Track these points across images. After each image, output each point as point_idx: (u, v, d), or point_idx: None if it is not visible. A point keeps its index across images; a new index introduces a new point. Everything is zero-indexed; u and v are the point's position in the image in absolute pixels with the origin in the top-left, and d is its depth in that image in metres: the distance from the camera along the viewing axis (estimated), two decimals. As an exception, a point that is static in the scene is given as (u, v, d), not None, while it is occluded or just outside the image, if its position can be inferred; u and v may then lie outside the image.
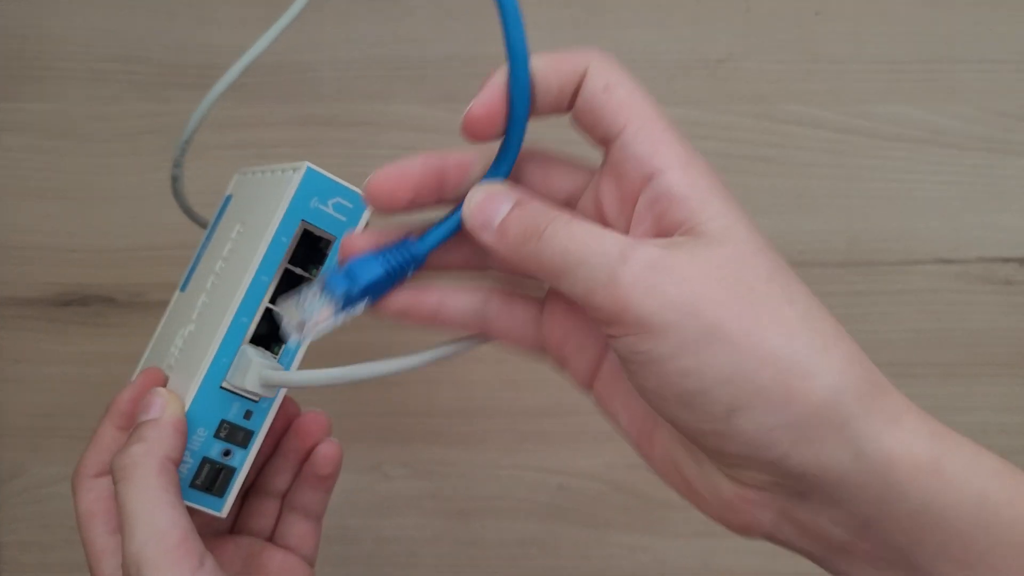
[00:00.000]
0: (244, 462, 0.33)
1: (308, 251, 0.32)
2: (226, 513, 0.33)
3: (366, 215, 0.33)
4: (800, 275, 0.48)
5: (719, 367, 0.21)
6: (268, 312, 0.32)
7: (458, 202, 0.26)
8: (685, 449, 0.25)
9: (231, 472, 0.33)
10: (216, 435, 0.32)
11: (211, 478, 0.32)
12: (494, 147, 0.25)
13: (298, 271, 0.32)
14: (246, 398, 0.32)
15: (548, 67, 0.24)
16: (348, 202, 0.32)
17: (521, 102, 0.24)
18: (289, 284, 0.32)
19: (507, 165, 0.25)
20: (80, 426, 0.40)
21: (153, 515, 0.28)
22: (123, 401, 0.33)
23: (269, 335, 0.32)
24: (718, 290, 0.22)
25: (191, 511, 0.32)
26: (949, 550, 0.22)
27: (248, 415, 0.32)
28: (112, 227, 0.48)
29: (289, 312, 0.27)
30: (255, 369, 0.31)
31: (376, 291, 0.26)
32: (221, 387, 0.32)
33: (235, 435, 0.32)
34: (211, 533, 0.34)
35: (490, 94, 0.25)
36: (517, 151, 0.25)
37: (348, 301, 0.25)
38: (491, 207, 0.24)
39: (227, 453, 0.32)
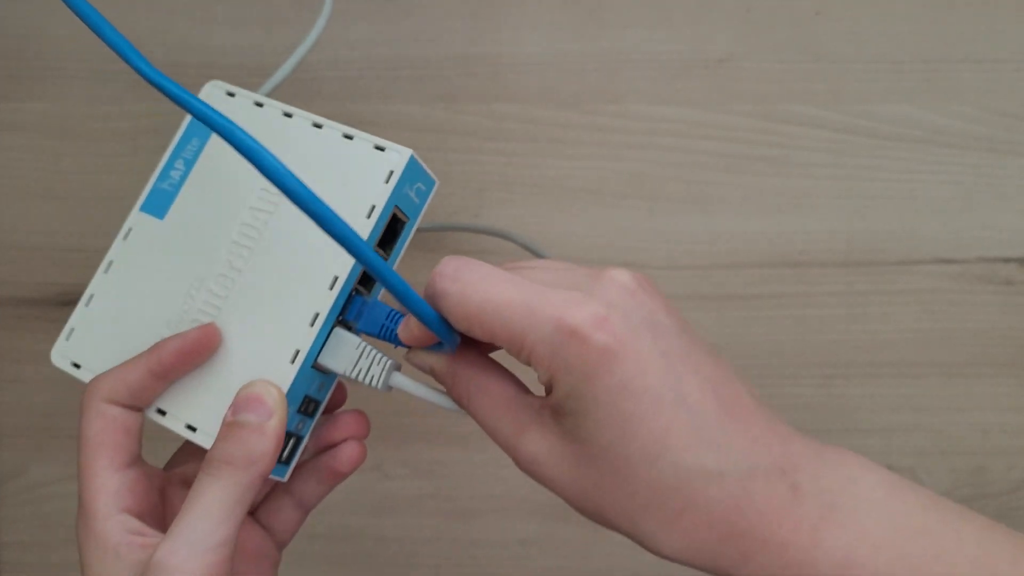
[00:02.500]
0: (309, 430, 0.33)
1: (390, 232, 0.33)
2: (288, 478, 0.33)
3: (431, 196, 0.34)
4: (800, 275, 0.48)
5: (599, 521, 0.27)
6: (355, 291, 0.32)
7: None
8: None
9: (299, 441, 0.32)
10: (298, 410, 0.31)
11: (283, 449, 0.32)
12: None
13: (380, 251, 0.32)
14: (325, 374, 0.32)
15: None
16: (424, 185, 0.33)
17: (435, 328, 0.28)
18: None
19: (450, 344, 0.30)
20: (80, 426, 0.39)
21: (218, 524, 0.28)
22: (169, 352, 0.31)
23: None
24: (575, 493, 0.27)
25: None
26: None
27: (321, 387, 0.32)
28: (112, 227, 0.48)
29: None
30: (383, 367, 0.31)
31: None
32: (312, 366, 0.31)
33: (309, 407, 0.32)
34: None
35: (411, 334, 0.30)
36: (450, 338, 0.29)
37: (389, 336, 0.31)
38: (419, 366, 0.31)
39: (300, 424, 0.32)
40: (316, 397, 0.32)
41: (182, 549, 0.27)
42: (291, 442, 0.32)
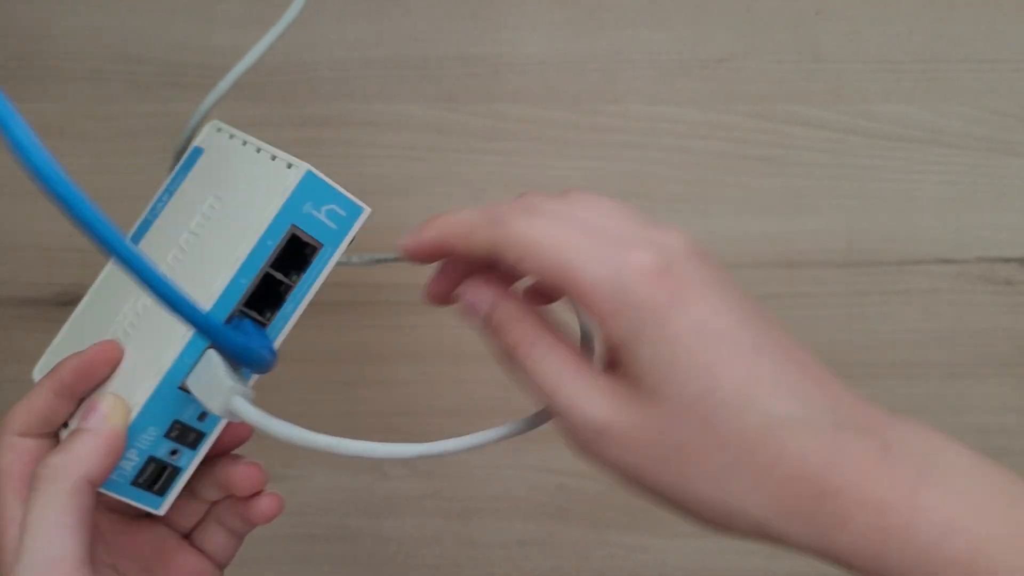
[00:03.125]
0: (190, 463, 0.32)
1: (291, 256, 0.31)
2: (164, 512, 0.32)
3: (357, 225, 0.32)
4: (800, 275, 0.48)
5: (669, 505, 0.25)
6: (241, 313, 0.31)
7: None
8: None
9: (175, 472, 0.31)
10: (167, 435, 0.31)
11: (154, 477, 0.31)
12: None
13: (278, 276, 0.31)
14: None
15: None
16: (342, 210, 0.31)
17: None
18: (267, 288, 0.30)
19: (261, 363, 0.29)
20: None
21: (49, 539, 0.27)
22: (66, 369, 0.31)
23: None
24: (651, 461, 0.25)
25: (125, 504, 0.31)
26: None
27: (202, 417, 0.31)
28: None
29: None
30: (222, 392, 0.29)
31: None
32: (179, 387, 0.30)
33: (186, 436, 0.31)
34: (129, 514, 0.33)
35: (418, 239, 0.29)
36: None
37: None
38: (474, 301, 0.28)
39: (174, 452, 0.31)
40: (195, 426, 0.31)
41: (27, 569, 0.27)
42: (166, 473, 0.31)
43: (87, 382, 0.31)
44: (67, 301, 0.49)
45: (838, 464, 0.23)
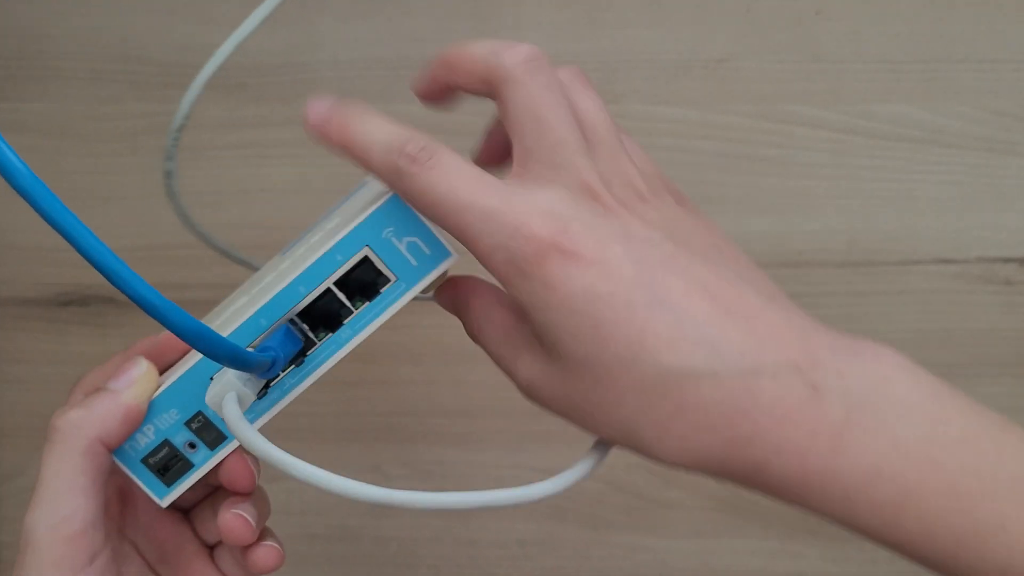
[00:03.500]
0: (204, 463, 0.31)
1: (363, 282, 0.29)
2: (166, 505, 0.31)
3: (440, 268, 0.29)
4: (800, 275, 0.48)
5: (607, 438, 0.27)
6: (291, 320, 0.30)
7: None
8: None
9: (187, 467, 0.31)
10: (187, 423, 0.30)
11: (164, 463, 0.31)
12: None
13: (340, 296, 0.29)
14: None
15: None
16: (427, 247, 0.29)
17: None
18: (327, 305, 0.30)
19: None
20: (80, 426, 0.39)
21: (59, 495, 0.28)
22: (142, 345, 0.32)
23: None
24: (570, 409, 0.26)
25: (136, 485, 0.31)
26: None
27: None
28: (112, 227, 0.48)
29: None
30: (220, 383, 0.28)
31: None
32: (211, 378, 0.29)
33: (207, 432, 0.30)
34: None
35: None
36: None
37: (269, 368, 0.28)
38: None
39: (192, 446, 0.31)
40: (218, 425, 0.30)
41: (38, 523, 0.28)
42: (178, 464, 0.31)
43: (154, 364, 0.32)
44: (67, 301, 0.49)
45: (748, 412, 0.23)
